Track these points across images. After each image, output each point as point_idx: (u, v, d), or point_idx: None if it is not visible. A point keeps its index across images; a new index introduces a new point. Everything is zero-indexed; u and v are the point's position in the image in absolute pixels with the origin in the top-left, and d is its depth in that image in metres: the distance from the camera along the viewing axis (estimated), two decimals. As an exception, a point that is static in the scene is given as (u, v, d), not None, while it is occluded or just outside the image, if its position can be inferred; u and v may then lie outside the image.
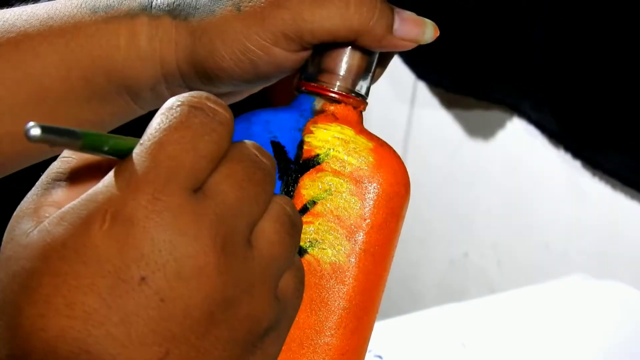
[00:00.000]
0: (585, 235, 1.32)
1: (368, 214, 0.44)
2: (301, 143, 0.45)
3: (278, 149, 0.45)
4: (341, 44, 0.45)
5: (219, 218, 0.34)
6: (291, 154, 0.45)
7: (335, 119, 0.45)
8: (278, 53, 0.45)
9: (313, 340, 0.43)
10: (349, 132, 0.45)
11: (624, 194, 1.25)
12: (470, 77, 1.39)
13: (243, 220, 0.35)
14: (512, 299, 1.14)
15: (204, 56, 0.46)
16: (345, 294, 0.44)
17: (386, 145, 0.45)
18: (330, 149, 0.44)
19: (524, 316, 1.09)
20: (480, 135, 1.46)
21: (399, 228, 0.45)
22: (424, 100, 1.50)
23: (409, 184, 0.45)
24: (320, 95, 0.45)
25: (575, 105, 1.24)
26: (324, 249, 0.44)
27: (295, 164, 0.45)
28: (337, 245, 0.44)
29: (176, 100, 0.35)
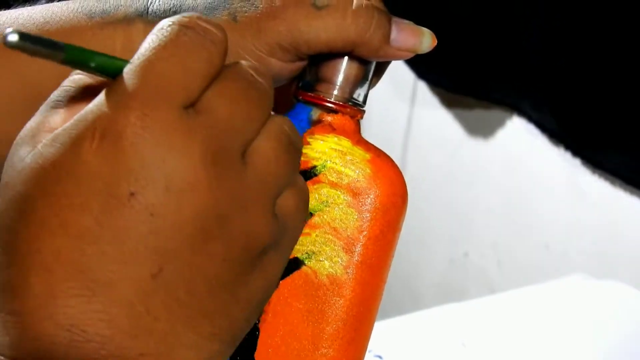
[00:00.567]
0: (585, 235, 1.32)
1: (365, 225, 0.44)
2: None
3: None
4: (338, 54, 0.45)
5: (211, 133, 0.34)
6: None
7: (332, 129, 0.45)
8: (274, 63, 0.45)
9: (310, 351, 0.43)
10: (346, 144, 0.44)
11: (624, 193, 1.25)
12: (470, 77, 1.39)
13: (237, 137, 0.35)
14: (512, 298, 1.14)
15: None
16: (343, 305, 0.44)
17: (384, 155, 0.45)
18: (327, 161, 0.44)
19: (524, 316, 1.09)
20: (480, 135, 1.46)
21: (396, 239, 0.45)
22: (424, 99, 1.50)
23: (407, 194, 0.45)
24: (317, 105, 0.45)
25: (575, 105, 1.24)
26: (321, 261, 0.44)
27: None
28: (334, 257, 0.44)
29: (168, 21, 0.35)
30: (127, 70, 0.34)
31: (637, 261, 1.26)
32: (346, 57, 0.45)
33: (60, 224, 0.32)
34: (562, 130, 1.29)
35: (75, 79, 0.37)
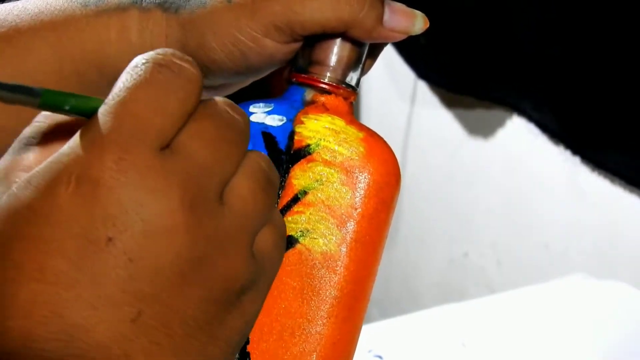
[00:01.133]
0: (585, 235, 1.32)
1: (359, 203, 0.44)
2: (292, 133, 0.45)
3: (269, 139, 0.45)
4: (331, 35, 0.45)
5: (187, 176, 0.33)
6: (282, 145, 0.45)
7: (325, 109, 0.45)
8: (269, 44, 0.45)
9: (305, 329, 0.44)
10: (339, 123, 0.45)
11: (624, 193, 1.25)
12: (470, 77, 1.39)
13: (213, 178, 0.34)
14: (512, 298, 1.14)
15: (194, 48, 0.46)
16: (337, 283, 0.44)
17: (376, 135, 0.45)
18: (321, 139, 0.45)
19: (524, 316, 1.09)
20: (480, 135, 1.46)
21: (390, 218, 0.45)
22: (424, 99, 1.50)
23: (400, 174, 0.45)
24: (310, 86, 0.46)
25: (575, 105, 1.24)
26: (315, 239, 0.44)
27: (286, 155, 0.45)
28: (328, 234, 0.44)
29: (141, 58, 0.34)
30: (102, 111, 0.33)
31: (637, 261, 1.26)
32: (339, 39, 0.46)
33: (37, 268, 0.32)
34: (563, 130, 1.29)
35: (47, 114, 0.36)
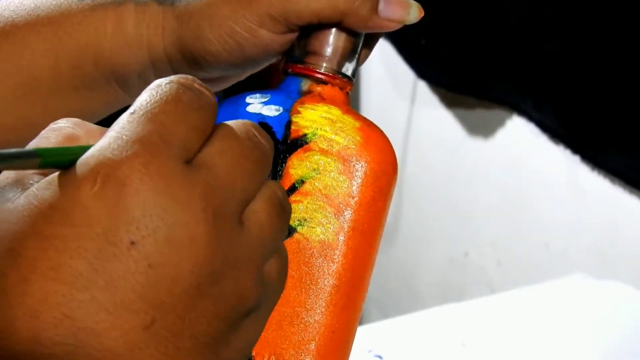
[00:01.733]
0: (585, 234, 1.32)
1: (356, 192, 0.44)
2: (289, 123, 0.45)
3: (266, 129, 0.45)
4: (327, 25, 0.46)
5: (211, 189, 0.33)
6: (279, 135, 0.45)
7: (322, 99, 0.45)
8: (265, 35, 0.45)
9: (303, 318, 0.44)
10: (336, 112, 0.45)
11: (624, 193, 1.25)
12: (470, 77, 1.39)
13: (235, 196, 0.34)
14: (512, 298, 1.14)
15: (191, 40, 0.46)
16: (335, 271, 0.44)
17: (373, 125, 0.45)
18: (317, 129, 0.45)
19: (524, 316, 1.09)
20: (481, 134, 1.46)
21: (387, 207, 0.45)
22: (424, 99, 1.50)
23: (396, 162, 0.45)
24: (306, 76, 0.46)
25: (575, 104, 1.24)
26: (313, 228, 0.44)
27: (283, 144, 0.45)
28: (326, 223, 0.44)
29: (165, 79, 0.35)
30: (130, 119, 0.33)
31: (637, 261, 1.26)
32: (335, 29, 0.46)
33: (52, 267, 0.31)
34: (563, 129, 1.29)
35: (54, 128, 0.36)
